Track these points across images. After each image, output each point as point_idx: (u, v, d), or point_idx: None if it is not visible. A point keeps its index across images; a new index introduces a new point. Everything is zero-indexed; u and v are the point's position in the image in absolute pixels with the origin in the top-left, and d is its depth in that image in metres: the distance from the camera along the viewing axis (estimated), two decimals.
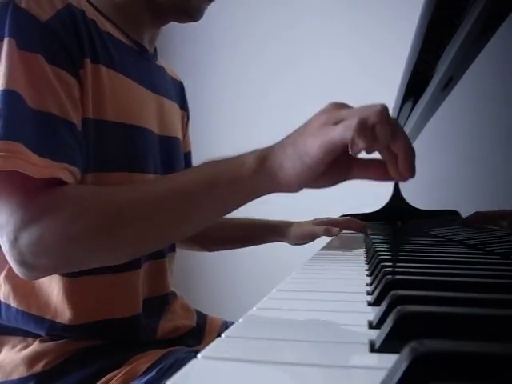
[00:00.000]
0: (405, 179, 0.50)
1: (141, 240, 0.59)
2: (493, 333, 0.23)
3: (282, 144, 0.55)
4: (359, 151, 0.48)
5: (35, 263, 0.56)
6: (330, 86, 2.01)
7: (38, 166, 0.53)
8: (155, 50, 0.82)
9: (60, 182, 0.56)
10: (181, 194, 0.57)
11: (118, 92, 0.67)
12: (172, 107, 0.84)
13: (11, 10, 0.57)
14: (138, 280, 0.71)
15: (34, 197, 0.55)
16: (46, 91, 0.57)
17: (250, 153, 0.57)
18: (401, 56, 0.89)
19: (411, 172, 0.50)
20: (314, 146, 0.51)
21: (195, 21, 0.76)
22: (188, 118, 0.94)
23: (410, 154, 0.49)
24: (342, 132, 0.48)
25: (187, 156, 0.93)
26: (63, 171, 0.55)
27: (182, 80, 0.94)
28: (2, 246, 0.55)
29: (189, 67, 2.17)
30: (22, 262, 0.55)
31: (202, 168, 0.60)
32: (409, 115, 0.96)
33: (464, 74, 0.61)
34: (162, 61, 0.85)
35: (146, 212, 0.57)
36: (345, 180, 0.55)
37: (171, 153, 0.80)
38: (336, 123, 0.49)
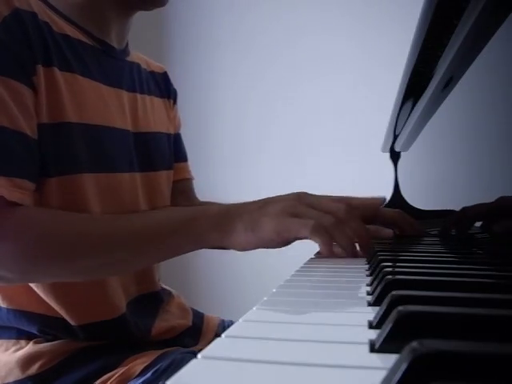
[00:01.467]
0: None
1: (95, 270, 0.64)
2: (493, 333, 0.23)
3: (241, 208, 0.60)
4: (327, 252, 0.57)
5: None
6: (331, 85, 2.01)
7: None
8: (127, 45, 0.80)
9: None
10: (135, 239, 0.61)
11: (78, 94, 0.66)
12: (150, 101, 0.83)
13: None
14: (116, 280, 0.72)
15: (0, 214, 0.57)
16: None
17: (208, 209, 0.62)
18: (401, 56, 0.89)
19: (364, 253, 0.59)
20: (269, 228, 0.56)
21: (161, 6, 0.75)
22: (175, 102, 0.92)
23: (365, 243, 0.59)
24: (299, 228, 0.55)
25: (176, 137, 0.91)
26: (8, 189, 0.57)
27: (183, 79, 0.93)
28: None
29: (190, 67, 2.17)
30: None
31: (160, 217, 0.65)
32: (409, 115, 0.96)
33: (464, 74, 0.61)
34: (137, 55, 0.84)
35: (103, 248, 0.61)
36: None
37: (150, 149, 0.80)
38: (295, 215, 0.56)
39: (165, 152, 0.85)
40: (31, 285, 0.67)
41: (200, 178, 1.03)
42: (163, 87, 0.89)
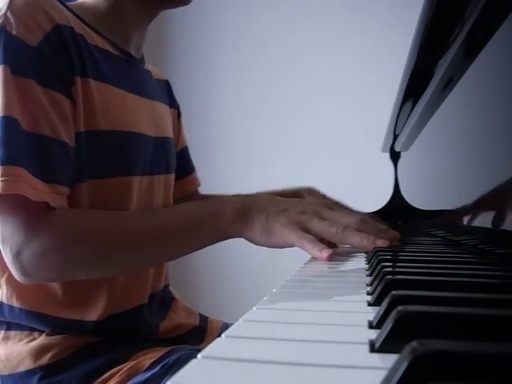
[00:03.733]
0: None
1: (129, 264, 0.69)
2: (493, 333, 0.23)
3: (261, 207, 0.65)
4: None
5: (35, 274, 0.63)
6: (331, 85, 2.01)
7: (36, 189, 0.59)
8: (142, 55, 0.85)
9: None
10: (164, 233, 0.67)
11: (109, 102, 0.71)
12: (162, 108, 0.88)
13: (3, 37, 0.62)
14: (136, 276, 0.76)
15: (36, 217, 0.61)
16: (38, 114, 0.62)
17: (231, 201, 0.67)
18: (401, 56, 0.89)
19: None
20: (279, 236, 0.63)
21: (186, 4, 0.78)
22: (179, 115, 0.98)
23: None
24: (305, 244, 0.60)
25: (184, 151, 0.98)
26: (51, 195, 0.61)
27: (183, 82, 0.96)
28: (4, 255, 0.63)
29: (189, 69, 2.17)
30: (24, 272, 0.62)
31: (187, 211, 0.70)
32: (409, 115, 0.96)
33: (464, 74, 0.61)
34: (148, 65, 0.89)
35: (135, 243, 0.66)
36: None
37: (167, 152, 0.85)
38: (303, 228, 0.62)
39: (174, 156, 0.90)
40: (49, 286, 0.69)
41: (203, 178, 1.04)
42: (168, 95, 0.94)
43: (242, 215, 0.65)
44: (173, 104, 0.95)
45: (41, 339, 0.69)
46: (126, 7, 0.75)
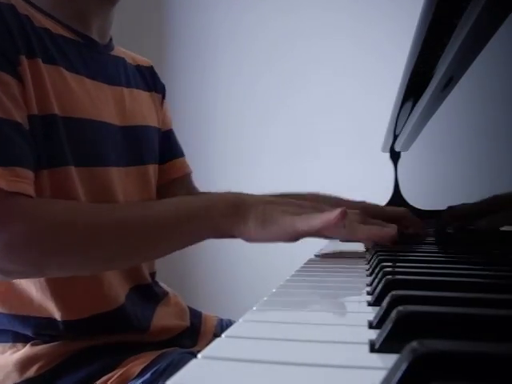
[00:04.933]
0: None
1: (110, 260, 0.63)
2: (493, 333, 0.23)
3: (255, 201, 0.61)
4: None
5: (6, 268, 0.58)
6: (331, 85, 2.01)
7: None
8: (111, 40, 0.79)
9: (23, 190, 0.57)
10: (153, 225, 0.61)
11: (62, 87, 0.65)
12: (136, 95, 0.81)
13: None
14: (111, 273, 0.70)
15: (5, 206, 0.56)
16: None
17: (224, 196, 0.63)
18: (400, 55, 0.89)
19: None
20: (283, 223, 0.58)
21: None
22: (163, 97, 0.91)
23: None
24: (313, 220, 0.57)
25: (167, 134, 0.90)
26: (8, 179, 0.55)
27: (184, 82, 0.92)
28: None
29: (191, 69, 2.17)
30: None
31: (177, 203, 0.65)
32: (409, 115, 0.96)
33: (464, 74, 0.61)
34: (122, 50, 0.83)
35: (119, 236, 0.60)
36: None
37: (140, 142, 0.79)
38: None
39: (154, 146, 0.83)
40: (24, 286, 0.66)
41: (200, 176, 1.03)
42: (150, 81, 0.88)
43: (235, 208, 0.60)
44: (155, 89, 0.88)
45: (25, 350, 0.65)
46: None
